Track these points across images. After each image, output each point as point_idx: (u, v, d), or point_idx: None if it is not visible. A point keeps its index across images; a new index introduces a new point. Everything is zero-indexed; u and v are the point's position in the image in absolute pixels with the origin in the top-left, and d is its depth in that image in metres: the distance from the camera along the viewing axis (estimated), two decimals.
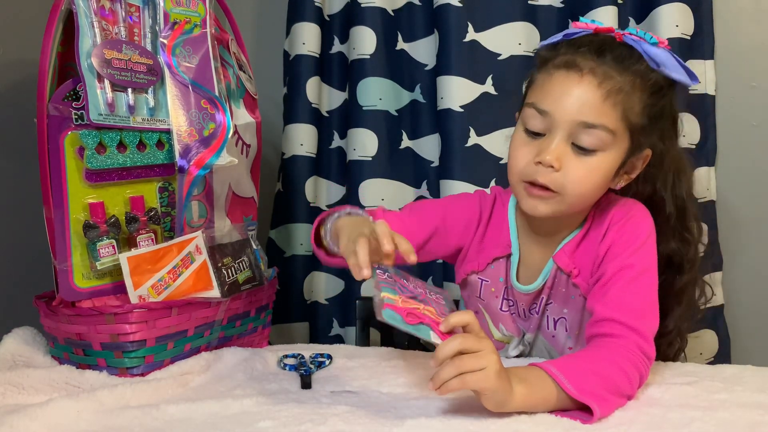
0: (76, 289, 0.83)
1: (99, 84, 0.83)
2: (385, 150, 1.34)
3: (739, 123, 1.25)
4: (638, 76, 0.78)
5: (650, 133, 0.81)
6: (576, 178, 0.77)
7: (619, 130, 0.77)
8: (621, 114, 0.77)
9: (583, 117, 0.76)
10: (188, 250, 0.88)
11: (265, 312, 1.02)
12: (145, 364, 0.84)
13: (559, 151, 0.77)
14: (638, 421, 0.64)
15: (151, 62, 0.87)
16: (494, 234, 0.91)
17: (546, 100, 0.79)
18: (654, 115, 0.80)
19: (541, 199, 0.79)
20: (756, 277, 1.25)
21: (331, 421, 0.65)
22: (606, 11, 1.21)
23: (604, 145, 0.77)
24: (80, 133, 0.82)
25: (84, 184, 0.83)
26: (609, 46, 0.79)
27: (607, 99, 0.76)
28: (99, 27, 0.84)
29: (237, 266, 0.94)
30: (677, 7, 1.21)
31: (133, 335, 0.82)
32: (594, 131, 0.76)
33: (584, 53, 0.78)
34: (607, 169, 0.79)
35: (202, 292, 0.88)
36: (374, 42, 1.32)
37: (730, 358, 1.24)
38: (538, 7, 1.29)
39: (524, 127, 0.81)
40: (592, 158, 0.78)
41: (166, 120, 0.88)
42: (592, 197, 0.82)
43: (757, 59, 1.24)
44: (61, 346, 0.86)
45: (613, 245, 0.82)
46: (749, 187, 1.25)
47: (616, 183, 0.83)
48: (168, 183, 0.91)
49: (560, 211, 0.80)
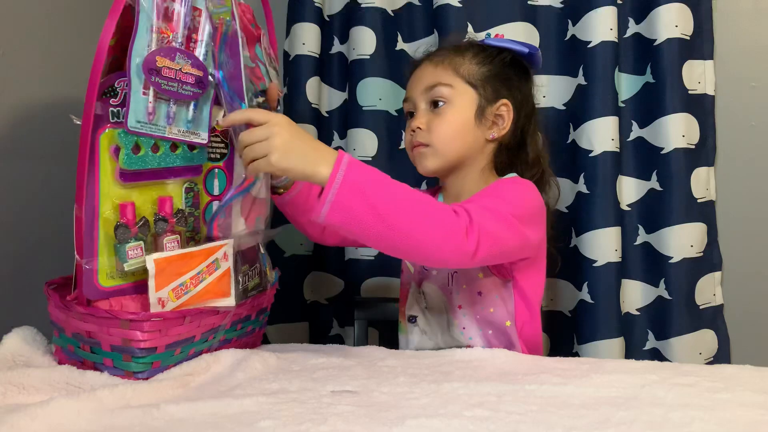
0: (100, 289, 0.82)
1: (144, 90, 0.79)
2: (385, 150, 1.34)
3: (739, 123, 1.26)
4: (467, 48, 1.02)
5: (492, 84, 1.00)
6: (437, 128, 0.98)
7: (455, 83, 0.99)
8: (452, 71, 1.00)
9: (424, 84, 1.01)
10: (216, 256, 0.86)
11: (264, 314, 1.02)
12: (152, 369, 0.83)
13: (420, 117, 1.00)
14: (639, 421, 0.64)
15: (201, 74, 0.84)
16: None
17: (407, 91, 1.06)
18: (489, 71, 1.00)
19: (421, 154, 1.00)
20: (756, 277, 1.25)
21: (331, 420, 0.65)
22: (606, 11, 1.21)
23: (447, 96, 0.99)
24: (118, 133, 0.79)
25: (116, 183, 0.81)
26: (447, 44, 1.06)
27: (438, 66, 1.01)
28: (158, 30, 0.80)
29: (251, 273, 0.94)
30: (677, 7, 1.21)
31: (145, 342, 0.81)
32: (435, 89, 0.99)
33: (423, 54, 1.07)
34: (462, 115, 0.99)
35: (219, 299, 0.87)
36: (374, 42, 1.32)
37: (729, 358, 1.24)
38: (538, 8, 1.30)
39: (405, 113, 1.06)
40: (444, 110, 0.99)
41: (201, 133, 0.86)
42: (461, 143, 0.99)
43: (757, 59, 1.25)
44: (66, 338, 0.84)
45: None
46: (749, 187, 1.26)
47: (488, 131, 1.00)
48: (194, 183, 0.89)
49: (440, 162, 0.99)
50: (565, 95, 1.29)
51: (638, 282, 1.26)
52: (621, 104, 1.27)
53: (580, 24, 1.25)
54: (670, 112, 1.22)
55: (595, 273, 1.21)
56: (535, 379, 0.77)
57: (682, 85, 1.23)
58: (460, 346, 0.98)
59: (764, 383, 0.76)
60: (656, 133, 1.24)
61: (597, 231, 1.21)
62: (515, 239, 0.89)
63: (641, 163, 1.27)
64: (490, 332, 0.98)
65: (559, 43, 1.29)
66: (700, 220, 1.23)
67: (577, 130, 1.25)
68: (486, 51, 1.02)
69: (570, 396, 0.71)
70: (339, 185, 0.75)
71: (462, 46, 1.04)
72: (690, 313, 1.22)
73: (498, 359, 0.89)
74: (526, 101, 1.04)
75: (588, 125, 1.22)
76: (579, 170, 1.24)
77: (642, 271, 1.26)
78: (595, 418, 0.65)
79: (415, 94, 1.02)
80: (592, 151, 1.22)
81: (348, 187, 0.75)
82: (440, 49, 1.07)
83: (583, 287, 1.23)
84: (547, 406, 0.68)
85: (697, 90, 1.25)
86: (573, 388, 0.73)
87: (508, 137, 1.02)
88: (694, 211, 1.23)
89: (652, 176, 1.25)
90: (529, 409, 0.67)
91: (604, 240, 1.21)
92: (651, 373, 0.77)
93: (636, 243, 1.27)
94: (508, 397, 0.71)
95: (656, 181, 1.24)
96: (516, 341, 0.97)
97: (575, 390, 0.73)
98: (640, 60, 1.26)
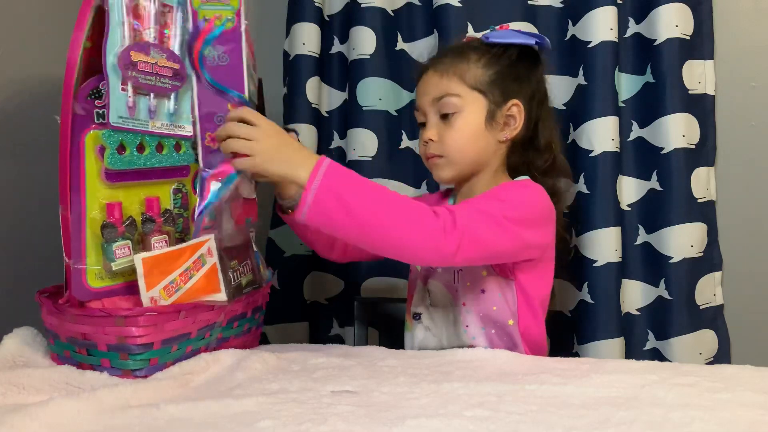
0: (90, 289, 0.83)
1: (122, 86, 0.81)
2: (385, 150, 1.34)
3: (739, 123, 1.26)
4: (471, 51, 1.00)
5: (500, 86, 0.98)
6: (449, 139, 0.98)
7: (463, 92, 0.98)
8: (458, 79, 0.98)
9: (432, 96, 1.00)
10: (200, 252, 0.88)
11: (259, 313, 1.02)
12: (149, 366, 0.83)
13: (431, 128, 1.00)
14: (639, 421, 0.64)
15: (178, 66, 0.86)
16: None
17: (417, 100, 1.04)
18: (495, 74, 0.99)
19: (436, 165, 1.01)
20: (756, 277, 1.25)
21: (331, 420, 0.65)
22: (606, 11, 1.21)
23: (456, 106, 0.98)
24: (102, 133, 0.81)
25: (102, 183, 0.82)
26: (450, 48, 1.04)
27: (444, 75, 0.99)
28: (129, 27, 0.82)
29: (242, 269, 0.94)
30: (677, 7, 1.21)
31: (141, 338, 0.81)
32: (443, 100, 0.98)
33: (428, 61, 1.05)
34: (472, 123, 0.98)
35: (211, 295, 0.88)
36: (374, 42, 1.32)
37: (729, 357, 1.24)
38: (538, 8, 1.30)
39: (418, 122, 1.05)
40: (455, 120, 0.98)
41: (185, 126, 0.87)
42: (473, 150, 0.99)
43: (757, 59, 1.25)
44: (62, 344, 0.85)
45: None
46: (749, 187, 1.26)
47: (501, 134, 1.00)
48: (182, 184, 0.90)
49: (456, 171, 1.00)
50: (565, 95, 1.29)
51: (638, 282, 1.26)
52: (621, 104, 1.26)
53: (580, 24, 1.25)
54: (670, 112, 1.22)
55: (595, 273, 1.21)
56: (535, 379, 0.77)
57: (682, 85, 1.23)
58: (462, 344, 0.99)
59: (764, 383, 0.76)
60: (656, 133, 1.24)
61: (597, 231, 1.21)
62: (508, 241, 0.89)
63: (641, 163, 1.26)
64: (492, 331, 0.98)
65: (559, 43, 1.29)
66: (700, 220, 1.23)
67: (577, 130, 1.25)
68: (491, 51, 1.00)
69: (570, 396, 0.71)
70: (317, 188, 0.81)
71: (466, 48, 1.02)
72: (690, 313, 1.22)
73: (498, 359, 0.90)
74: (537, 90, 1.03)
75: (588, 125, 1.22)
76: (579, 170, 1.24)
77: (642, 271, 1.26)
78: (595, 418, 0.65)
79: (425, 104, 1.01)
80: (592, 151, 1.22)
81: (325, 191, 0.81)
82: (444, 54, 1.04)
83: (583, 287, 1.23)
84: (547, 406, 0.68)
85: (697, 90, 1.25)
86: (573, 388, 0.73)
87: (521, 134, 1.01)
88: (694, 211, 1.23)
89: (652, 176, 1.25)
90: (529, 409, 0.67)
91: (605, 240, 1.21)
92: (651, 373, 0.77)
93: (636, 243, 1.27)
94: (508, 397, 0.71)
95: (656, 181, 1.24)
96: (519, 341, 0.97)
97: (575, 390, 0.73)
98: (640, 60, 1.26)
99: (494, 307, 0.97)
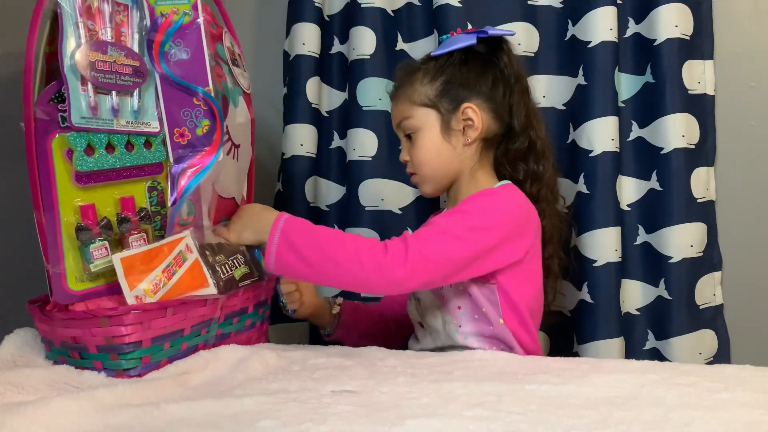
0: (70, 293, 0.83)
1: (82, 86, 0.81)
2: (385, 150, 1.34)
3: (739, 123, 1.26)
4: (417, 71, 1.04)
5: (448, 95, 1.02)
6: (415, 158, 1.04)
7: (414, 112, 1.03)
8: (409, 102, 1.04)
9: (395, 122, 1.08)
10: (179, 249, 0.88)
11: (264, 307, 1.02)
12: (142, 365, 0.83)
13: (403, 149, 1.07)
14: (639, 421, 0.64)
15: (138, 63, 0.86)
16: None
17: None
18: (441, 84, 1.02)
19: (416, 182, 1.08)
20: (755, 277, 1.25)
21: (332, 420, 0.65)
22: (605, 11, 1.21)
23: (413, 126, 1.04)
24: (68, 136, 0.81)
25: (73, 186, 0.82)
26: (401, 74, 1.08)
27: (398, 102, 1.06)
28: (84, 28, 0.82)
29: (231, 263, 0.94)
30: (677, 7, 1.21)
31: (129, 337, 0.81)
32: (401, 125, 1.06)
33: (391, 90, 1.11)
34: (431, 137, 1.03)
35: (199, 290, 0.88)
36: (374, 42, 1.32)
37: (729, 357, 1.24)
38: (538, 8, 1.30)
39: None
40: (416, 139, 1.04)
41: (150, 122, 0.87)
42: (439, 162, 1.03)
43: (757, 59, 1.25)
44: (57, 350, 0.85)
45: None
46: (749, 187, 1.26)
47: (462, 138, 1.02)
48: (157, 182, 0.90)
49: (433, 185, 1.06)
50: (565, 95, 1.29)
51: (638, 282, 1.26)
52: (621, 104, 1.26)
53: (580, 24, 1.25)
54: (670, 112, 1.22)
55: (595, 273, 1.21)
56: (535, 379, 0.77)
57: (682, 85, 1.23)
58: (456, 345, 0.98)
59: (764, 383, 0.76)
60: (656, 133, 1.24)
61: (597, 231, 1.21)
62: (472, 252, 0.91)
63: (641, 163, 1.26)
64: (485, 332, 0.98)
65: (559, 43, 1.29)
66: (700, 220, 1.23)
67: (576, 130, 1.25)
68: (436, 63, 1.03)
69: (570, 396, 0.71)
70: (276, 247, 0.91)
71: (413, 70, 1.05)
72: (690, 313, 1.22)
73: (499, 360, 0.90)
74: (501, 79, 1.03)
75: (588, 125, 1.22)
76: (579, 170, 1.24)
77: (642, 271, 1.26)
78: (594, 418, 0.65)
79: (395, 129, 1.09)
80: (592, 151, 1.22)
81: (282, 248, 0.91)
82: (398, 80, 1.08)
83: (583, 287, 1.23)
84: (547, 406, 0.68)
85: (697, 90, 1.25)
86: (573, 388, 0.73)
87: (490, 129, 1.02)
88: (694, 211, 1.23)
89: (652, 176, 1.25)
90: (529, 409, 0.67)
91: (604, 240, 1.21)
92: (651, 373, 0.77)
93: (636, 243, 1.27)
94: (508, 397, 0.71)
95: (656, 181, 1.24)
96: (513, 342, 0.97)
97: (575, 390, 0.73)
98: (640, 60, 1.26)
99: (483, 308, 0.97)
